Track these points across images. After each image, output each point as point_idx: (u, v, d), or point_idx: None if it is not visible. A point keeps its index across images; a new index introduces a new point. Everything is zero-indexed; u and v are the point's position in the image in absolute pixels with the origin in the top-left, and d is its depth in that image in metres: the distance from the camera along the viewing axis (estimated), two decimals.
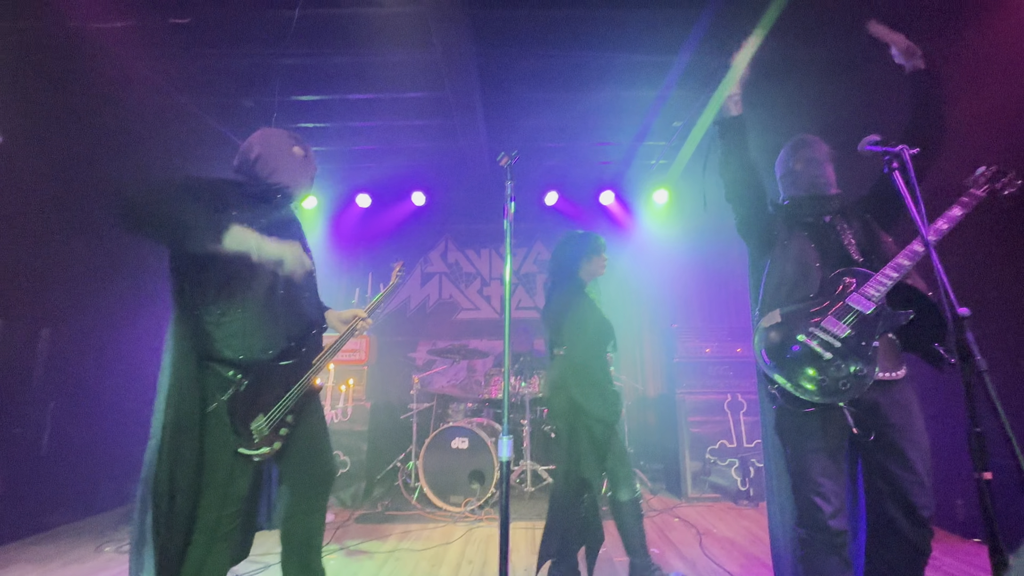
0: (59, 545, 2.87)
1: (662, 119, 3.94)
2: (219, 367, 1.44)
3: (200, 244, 1.36)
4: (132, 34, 2.83)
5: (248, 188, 1.58)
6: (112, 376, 3.99)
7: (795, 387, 1.48)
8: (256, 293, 1.48)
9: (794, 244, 1.66)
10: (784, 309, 1.57)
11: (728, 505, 3.53)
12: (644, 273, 5.34)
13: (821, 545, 1.45)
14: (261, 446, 1.44)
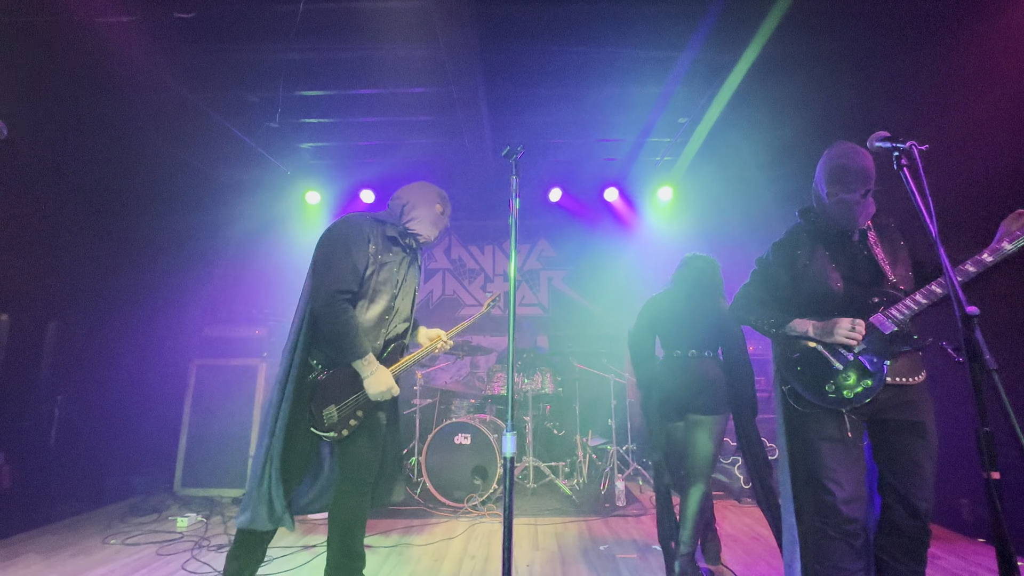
0: (66, 536, 2.90)
1: (667, 115, 3.92)
2: (311, 356, 1.78)
3: (358, 280, 1.80)
4: (136, 28, 2.83)
5: (389, 228, 1.95)
6: (118, 369, 4.02)
7: (804, 390, 1.57)
8: (369, 314, 1.83)
9: (816, 264, 1.66)
10: (805, 319, 1.63)
11: (731, 503, 3.52)
12: (648, 271, 5.31)
13: (831, 531, 1.49)
14: (329, 431, 1.74)
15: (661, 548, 2.32)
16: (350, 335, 1.73)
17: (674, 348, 2.38)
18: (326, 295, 1.72)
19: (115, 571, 2.39)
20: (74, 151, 3.59)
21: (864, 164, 1.56)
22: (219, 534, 2.89)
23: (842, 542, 1.47)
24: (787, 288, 1.72)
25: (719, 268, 2.51)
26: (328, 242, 1.81)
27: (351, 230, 1.83)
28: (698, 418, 2.23)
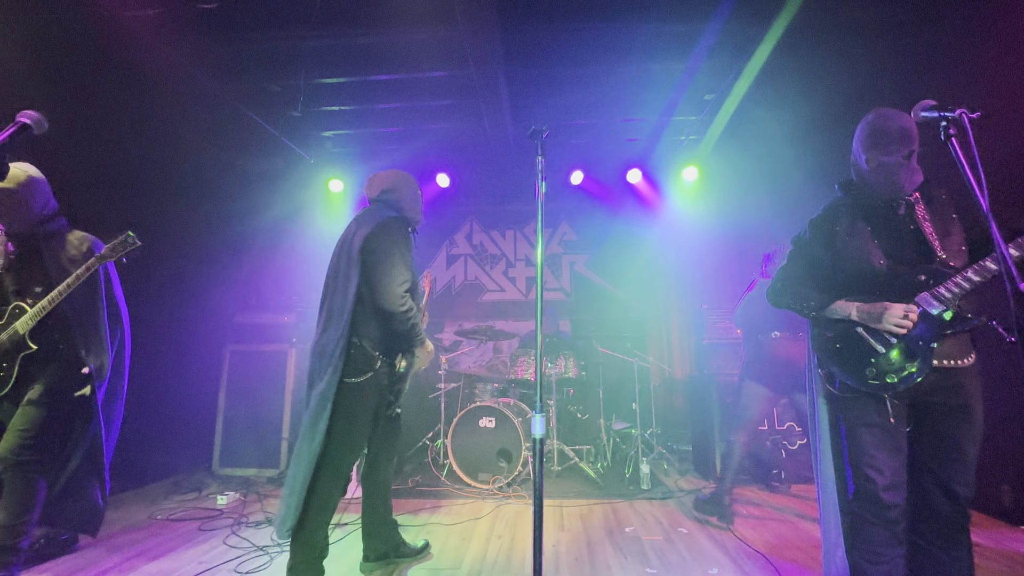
0: (117, 511, 3.07)
1: (692, 92, 3.80)
2: (374, 348, 1.95)
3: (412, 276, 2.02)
4: (162, 21, 2.88)
5: (409, 224, 2.15)
6: (158, 354, 4.18)
7: (843, 374, 1.51)
8: (415, 300, 2.07)
9: (856, 240, 1.57)
10: (847, 300, 1.56)
11: (759, 488, 3.49)
12: (672, 253, 5.23)
13: (871, 516, 1.45)
14: (397, 408, 2.12)
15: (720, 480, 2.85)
16: (417, 327, 2.00)
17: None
18: (398, 296, 1.90)
19: (162, 544, 2.52)
20: (108, 144, 3.70)
21: (904, 124, 1.46)
22: (256, 512, 3.01)
23: (882, 528, 1.43)
24: (826, 267, 1.63)
25: None
26: (388, 245, 1.95)
27: (402, 231, 2.02)
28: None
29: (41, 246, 2.04)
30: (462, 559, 2.33)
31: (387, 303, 1.90)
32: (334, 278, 2.01)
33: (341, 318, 1.90)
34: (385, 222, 2.02)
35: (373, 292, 1.92)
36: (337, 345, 1.86)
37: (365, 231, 1.99)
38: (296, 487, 1.79)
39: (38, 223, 2.04)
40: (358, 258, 1.94)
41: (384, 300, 1.90)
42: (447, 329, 5.32)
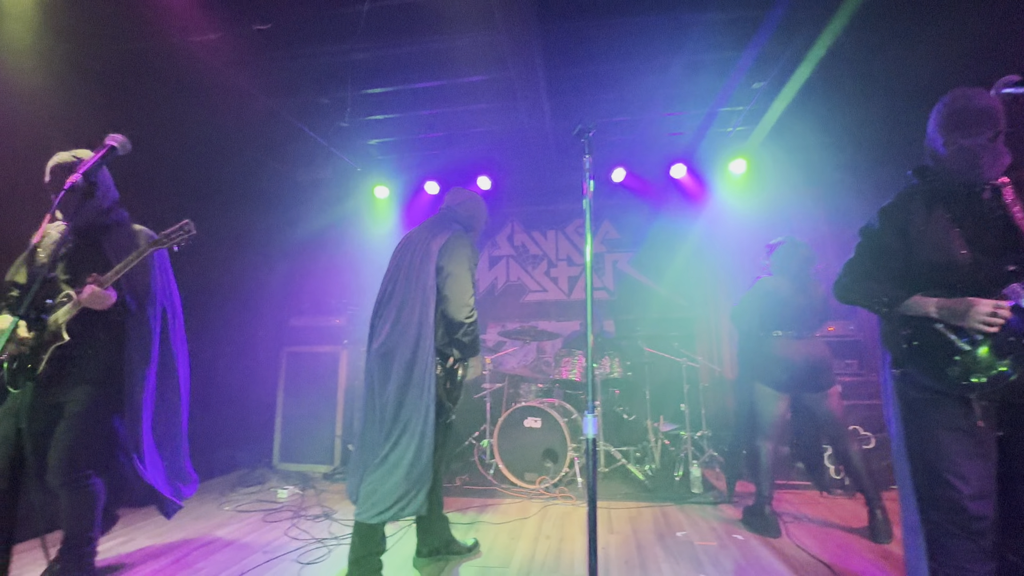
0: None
1: (733, 82, 3.65)
2: (438, 354, 2.02)
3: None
4: (222, 44, 3.07)
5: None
6: (222, 356, 4.47)
7: (922, 374, 1.39)
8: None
9: (934, 228, 1.44)
10: (923, 295, 1.44)
11: (820, 494, 3.31)
12: (720, 249, 5.03)
13: (954, 528, 1.33)
14: (452, 415, 2.19)
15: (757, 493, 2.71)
16: (478, 337, 2.12)
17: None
18: (468, 307, 2.01)
19: (231, 533, 2.70)
20: (174, 160, 3.99)
21: (987, 104, 1.34)
22: (313, 505, 3.16)
23: (966, 540, 1.30)
24: (900, 259, 1.51)
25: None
26: (461, 260, 2.05)
27: (471, 248, 2.14)
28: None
29: (100, 238, 1.97)
30: (511, 558, 2.35)
31: (457, 313, 1.99)
32: (405, 281, 2.07)
33: (419, 321, 1.97)
34: (459, 236, 2.14)
35: (443, 301, 2.01)
36: (426, 348, 1.95)
37: (440, 241, 2.08)
38: (418, 475, 1.88)
39: (98, 214, 1.96)
40: (435, 267, 2.03)
41: (454, 311, 1.99)
42: (491, 330, 5.37)
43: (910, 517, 1.51)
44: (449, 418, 2.17)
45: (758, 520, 2.64)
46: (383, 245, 2.23)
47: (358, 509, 1.89)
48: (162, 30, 2.92)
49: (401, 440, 1.88)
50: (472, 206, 2.37)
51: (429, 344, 1.95)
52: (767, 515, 2.62)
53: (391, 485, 1.84)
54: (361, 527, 1.90)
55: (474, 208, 2.37)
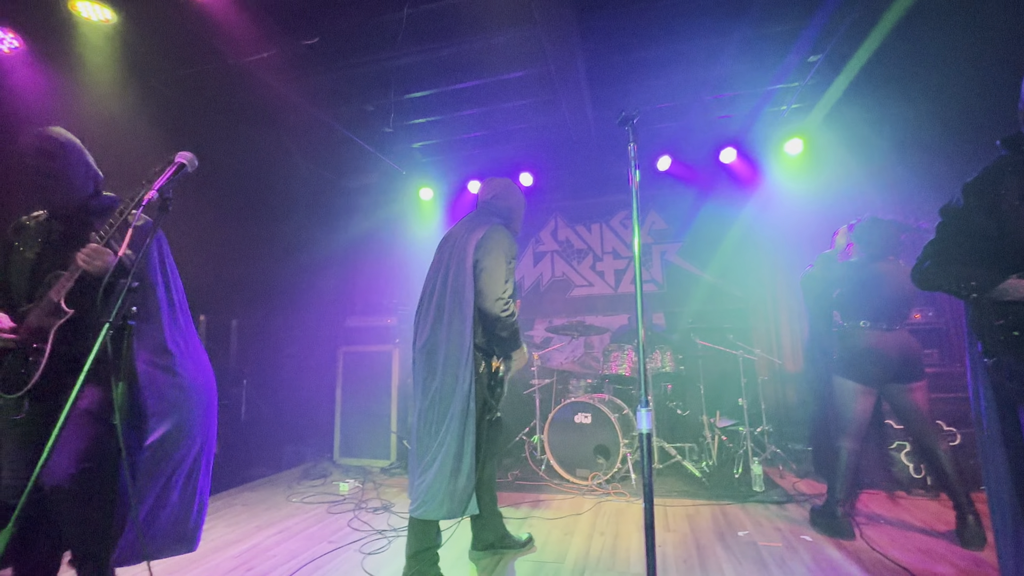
0: (260, 493, 3.53)
1: (793, 57, 3.43)
2: (478, 350, 2.02)
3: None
4: (275, 61, 3.24)
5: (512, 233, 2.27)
6: (284, 357, 4.75)
7: (1022, 363, 1.26)
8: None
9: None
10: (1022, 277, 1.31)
11: (897, 494, 3.07)
12: (776, 234, 4.77)
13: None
14: (497, 412, 2.16)
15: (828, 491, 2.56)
16: (518, 332, 2.08)
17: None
18: (503, 301, 1.99)
19: (299, 523, 2.86)
20: (239, 176, 4.27)
21: None
22: (373, 498, 3.29)
23: None
24: (990, 239, 1.38)
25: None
26: (498, 253, 2.04)
27: (510, 241, 2.11)
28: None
29: (90, 219, 1.65)
30: (565, 553, 2.34)
31: (492, 308, 1.98)
32: (444, 278, 2.09)
33: (456, 317, 2.00)
34: (495, 230, 2.11)
35: (478, 296, 2.01)
36: (465, 345, 1.96)
37: (477, 236, 2.08)
38: (459, 473, 1.90)
39: (84, 199, 1.65)
40: (471, 262, 2.04)
41: (489, 305, 1.99)
42: (537, 326, 5.37)
43: (1004, 522, 1.37)
44: (493, 415, 2.16)
45: (829, 521, 2.49)
46: (429, 245, 2.25)
47: (411, 505, 1.94)
48: (221, 53, 3.12)
49: (447, 439, 1.90)
50: (509, 196, 2.33)
51: (468, 341, 1.96)
52: (839, 516, 2.45)
53: (440, 483, 1.87)
54: (415, 523, 1.95)
55: (511, 198, 2.33)
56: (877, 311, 2.49)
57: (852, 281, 2.57)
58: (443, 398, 1.94)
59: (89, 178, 1.66)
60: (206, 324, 4.07)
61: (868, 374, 2.47)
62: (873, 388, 2.50)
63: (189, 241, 3.64)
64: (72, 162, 1.59)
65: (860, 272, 2.56)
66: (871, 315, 2.50)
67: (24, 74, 2.64)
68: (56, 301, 1.50)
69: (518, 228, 2.38)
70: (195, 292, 3.87)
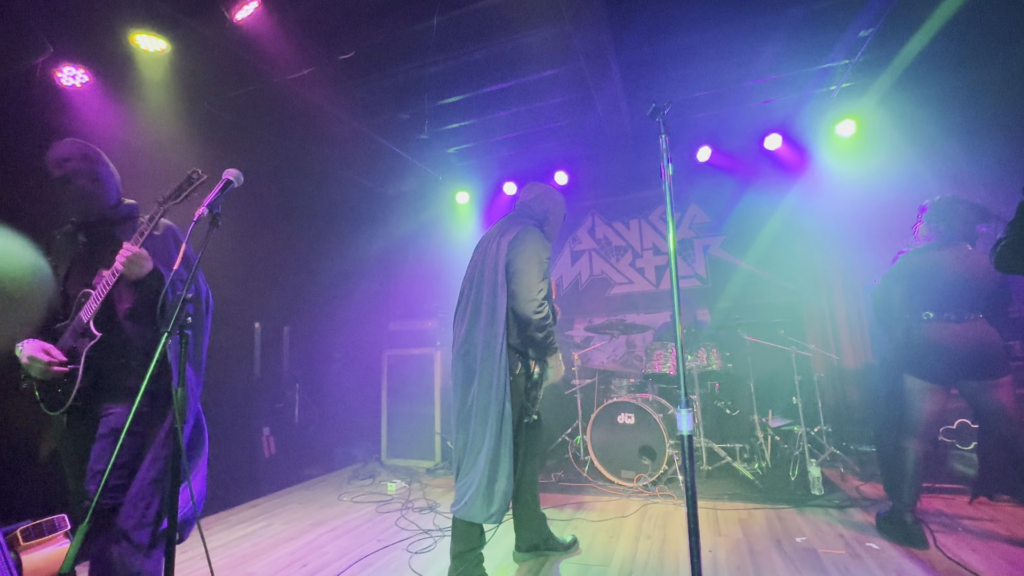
0: (314, 492, 3.69)
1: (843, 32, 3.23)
2: (516, 352, 2.04)
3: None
4: (314, 77, 3.38)
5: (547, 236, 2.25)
6: (333, 361, 4.94)
7: None
8: (550, 307, 2.10)
9: None
10: None
11: (979, 500, 2.82)
12: (826, 221, 4.50)
13: None
14: (535, 415, 2.10)
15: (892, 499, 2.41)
16: (553, 334, 2.03)
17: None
18: (536, 304, 1.96)
19: (350, 521, 2.96)
20: (286, 189, 4.48)
21: None
22: (419, 498, 3.36)
23: None
24: None
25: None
26: (528, 254, 2.02)
27: (541, 242, 2.09)
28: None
29: (115, 231, 1.68)
30: (611, 556, 2.30)
31: (524, 309, 1.96)
32: (479, 281, 2.11)
33: (491, 319, 2.00)
34: (527, 231, 2.11)
35: (511, 298, 2.00)
36: (499, 346, 1.96)
37: (509, 237, 2.09)
38: (497, 475, 1.90)
39: (106, 210, 1.67)
40: (504, 263, 2.04)
41: (522, 306, 1.97)
42: (577, 326, 5.31)
43: None
44: (530, 418, 2.12)
45: (897, 528, 2.31)
46: (466, 249, 2.27)
47: (453, 506, 1.97)
48: (265, 74, 3.28)
49: (487, 440, 1.91)
50: (546, 200, 2.31)
51: (501, 344, 1.95)
52: (909, 523, 2.28)
53: (481, 485, 1.88)
54: (459, 523, 1.97)
55: (548, 202, 2.31)
56: (942, 301, 2.28)
57: (916, 270, 2.37)
58: (481, 401, 1.95)
59: (111, 187, 1.68)
60: (261, 331, 4.29)
61: (935, 371, 2.28)
62: (943, 386, 2.30)
63: (243, 252, 3.87)
64: (90, 169, 1.62)
65: (926, 259, 2.36)
66: (936, 305, 2.30)
67: (94, 105, 2.88)
68: (85, 323, 1.53)
69: (554, 232, 2.35)
70: (249, 301, 4.11)
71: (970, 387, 2.25)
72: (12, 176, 2.56)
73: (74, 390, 1.52)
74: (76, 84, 2.82)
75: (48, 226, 1.75)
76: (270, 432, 4.11)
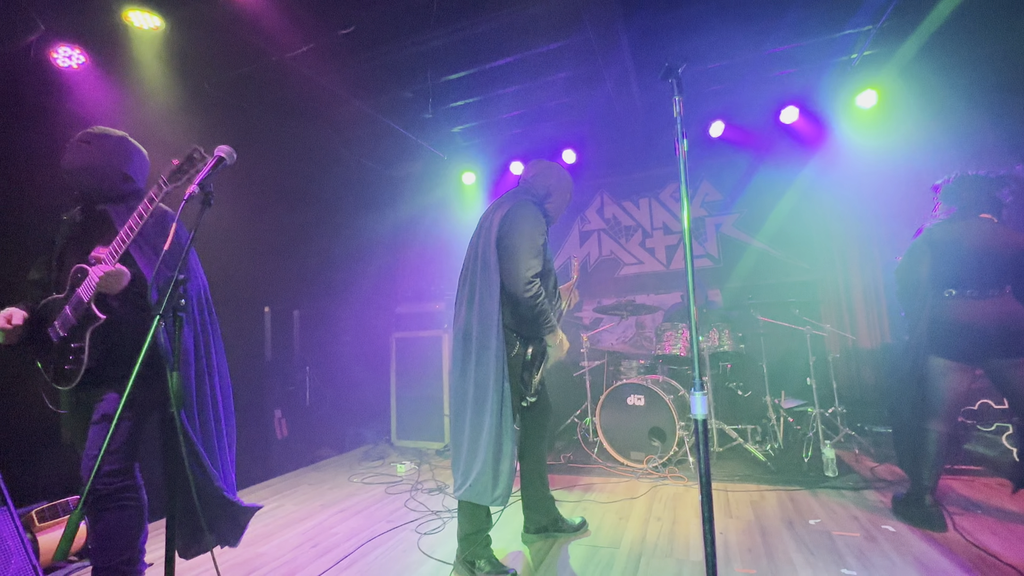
0: (325, 473, 3.72)
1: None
2: (512, 332, 1.99)
3: (542, 261, 2.00)
4: (315, 54, 3.29)
5: (544, 217, 2.13)
6: (342, 344, 4.95)
7: None
8: (548, 286, 2.08)
9: None
10: None
11: (998, 481, 2.75)
12: (845, 196, 4.35)
13: None
14: (534, 395, 2.08)
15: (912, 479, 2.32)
16: (547, 313, 1.96)
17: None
18: (527, 280, 1.90)
19: (360, 502, 2.98)
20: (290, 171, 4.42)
21: None
22: (428, 479, 3.37)
23: None
24: None
25: None
26: (518, 230, 1.96)
27: (535, 217, 2.01)
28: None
29: (109, 209, 1.65)
30: (620, 538, 2.28)
31: (515, 288, 1.91)
32: (473, 259, 2.07)
33: (486, 299, 1.95)
34: (520, 206, 2.03)
35: (504, 276, 1.95)
36: (493, 326, 1.91)
37: (501, 213, 2.03)
38: (500, 456, 1.88)
39: (114, 182, 1.66)
40: (495, 241, 1.98)
41: (512, 285, 1.92)
42: (586, 307, 5.26)
43: None
44: (527, 400, 2.07)
45: (915, 511, 2.26)
46: (472, 230, 2.21)
47: (456, 489, 1.94)
48: (264, 52, 3.20)
49: (485, 424, 1.87)
50: (548, 177, 2.20)
51: (495, 323, 1.90)
52: (927, 505, 2.22)
53: (487, 467, 1.86)
54: (464, 506, 1.95)
55: (551, 179, 2.20)
56: (964, 277, 2.19)
57: (939, 243, 2.26)
58: (479, 382, 1.92)
59: (120, 165, 1.67)
60: (271, 315, 4.30)
61: (959, 349, 2.19)
62: (968, 365, 2.21)
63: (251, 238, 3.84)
64: (101, 144, 1.64)
65: (947, 232, 2.26)
66: (957, 282, 2.20)
67: (90, 85, 2.82)
68: (87, 304, 1.52)
69: (558, 210, 2.24)
70: (259, 284, 4.10)
71: (996, 365, 2.16)
72: (8, 159, 2.53)
73: (82, 370, 1.53)
74: (73, 65, 2.77)
75: (45, 210, 1.73)
76: (282, 414, 4.14)
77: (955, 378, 2.22)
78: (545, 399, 2.26)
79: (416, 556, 2.19)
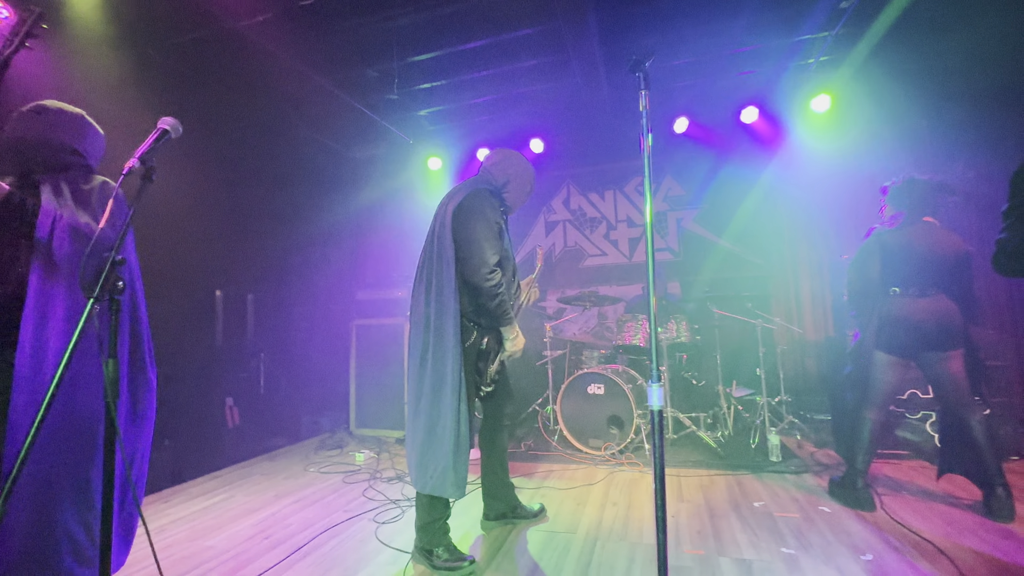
0: (279, 463, 3.61)
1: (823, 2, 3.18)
2: (469, 321, 1.98)
3: (499, 251, 1.98)
4: (272, 25, 3.11)
5: (499, 198, 2.14)
6: (299, 330, 4.79)
7: None
8: (507, 275, 2.05)
9: None
10: None
11: (920, 464, 2.99)
12: (798, 198, 4.56)
13: None
14: (490, 385, 2.10)
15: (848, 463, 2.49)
16: (504, 304, 1.95)
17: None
18: (485, 270, 1.88)
19: (316, 492, 2.91)
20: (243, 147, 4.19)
21: None
22: (387, 468, 3.33)
23: None
24: None
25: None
26: (475, 218, 1.93)
27: (489, 205, 1.98)
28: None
29: (42, 179, 1.43)
30: (578, 523, 2.34)
31: (474, 276, 1.90)
32: (430, 249, 2.04)
33: (442, 288, 1.93)
34: (474, 193, 2.01)
35: (461, 264, 1.93)
36: (449, 316, 1.89)
37: (455, 203, 2.00)
38: (458, 447, 1.86)
39: (59, 156, 1.49)
40: (451, 231, 1.95)
41: (470, 273, 1.91)
42: (550, 297, 5.30)
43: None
44: (484, 390, 2.08)
45: (848, 493, 2.43)
46: None
47: (416, 481, 1.92)
48: (216, 18, 3.00)
49: (439, 413, 1.86)
50: (508, 166, 2.16)
51: (452, 313, 1.89)
52: (860, 487, 2.39)
53: (436, 459, 1.85)
54: (421, 497, 1.94)
55: (509, 167, 2.16)
56: (908, 276, 2.36)
57: (889, 247, 2.42)
58: (436, 373, 1.89)
59: (65, 149, 1.49)
60: (222, 299, 4.09)
61: (900, 344, 2.36)
62: (906, 359, 2.39)
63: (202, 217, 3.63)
64: (49, 125, 1.48)
65: (898, 237, 2.41)
66: (901, 281, 2.37)
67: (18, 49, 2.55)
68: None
69: (516, 199, 2.21)
70: (210, 266, 3.90)
71: (928, 359, 2.35)
72: None
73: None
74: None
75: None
76: (233, 402, 3.98)
77: (894, 371, 2.40)
78: (505, 388, 2.25)
79: (374, 545, 2.17)
